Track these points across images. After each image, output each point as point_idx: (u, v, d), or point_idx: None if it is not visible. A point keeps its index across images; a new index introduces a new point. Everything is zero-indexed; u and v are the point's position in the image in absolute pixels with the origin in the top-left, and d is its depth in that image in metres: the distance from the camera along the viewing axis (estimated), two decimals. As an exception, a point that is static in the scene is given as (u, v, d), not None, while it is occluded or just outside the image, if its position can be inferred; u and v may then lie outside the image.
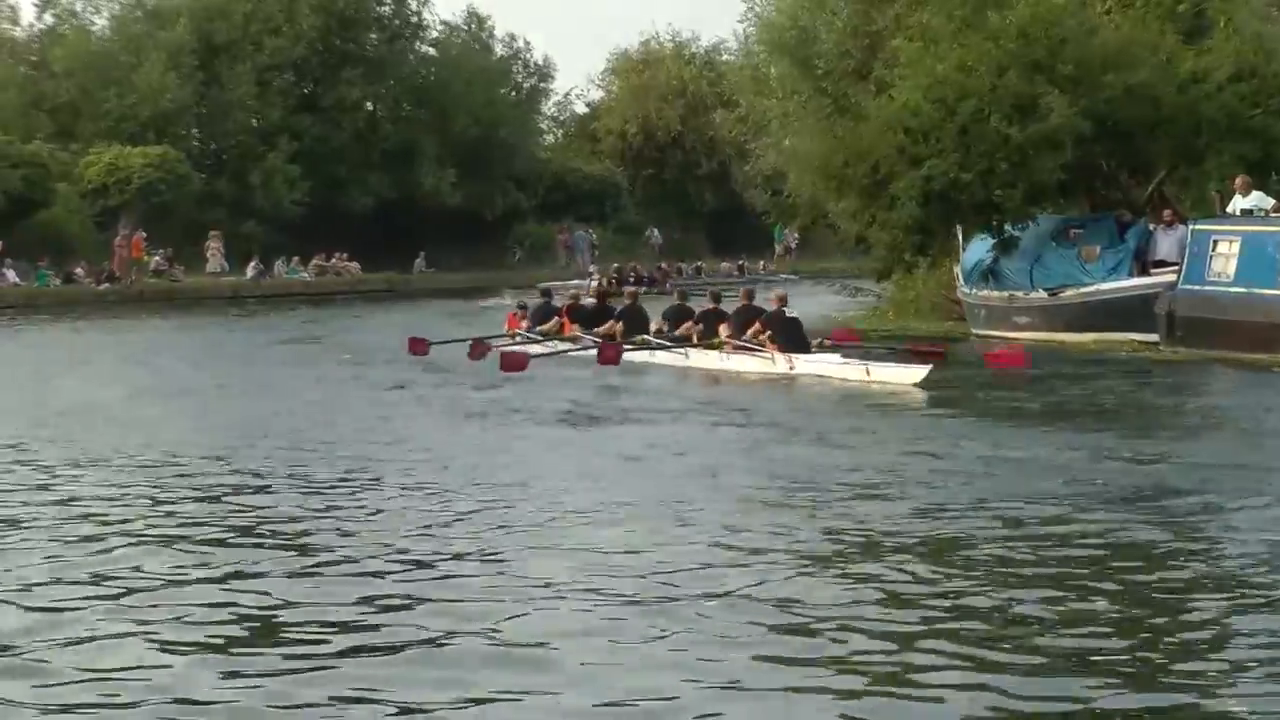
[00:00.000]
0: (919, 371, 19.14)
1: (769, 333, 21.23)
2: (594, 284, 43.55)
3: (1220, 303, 22.13)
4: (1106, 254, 26.26)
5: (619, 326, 23.91)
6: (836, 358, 20.75)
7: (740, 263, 65.43)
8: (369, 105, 63.74)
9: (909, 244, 27.94)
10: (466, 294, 47.48)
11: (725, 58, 64.73)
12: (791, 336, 21.19)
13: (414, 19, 66.29)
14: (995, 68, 26.25)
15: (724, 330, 22.08)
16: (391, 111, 64.40)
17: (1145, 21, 26.99)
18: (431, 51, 68.26)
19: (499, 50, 71.97)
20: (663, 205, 76.06)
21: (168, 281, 48.06)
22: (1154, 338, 23.53)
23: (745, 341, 21.47)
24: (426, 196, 62.10)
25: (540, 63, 74.08)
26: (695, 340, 22.44)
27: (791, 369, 20.54)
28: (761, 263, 66.56)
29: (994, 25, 26.68)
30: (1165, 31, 26.94)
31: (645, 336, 23.20)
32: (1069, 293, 26.11)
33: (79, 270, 46.41)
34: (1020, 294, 27.10)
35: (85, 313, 38.99)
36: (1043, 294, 26.63)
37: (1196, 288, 22.67)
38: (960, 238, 29.12)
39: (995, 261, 27.85)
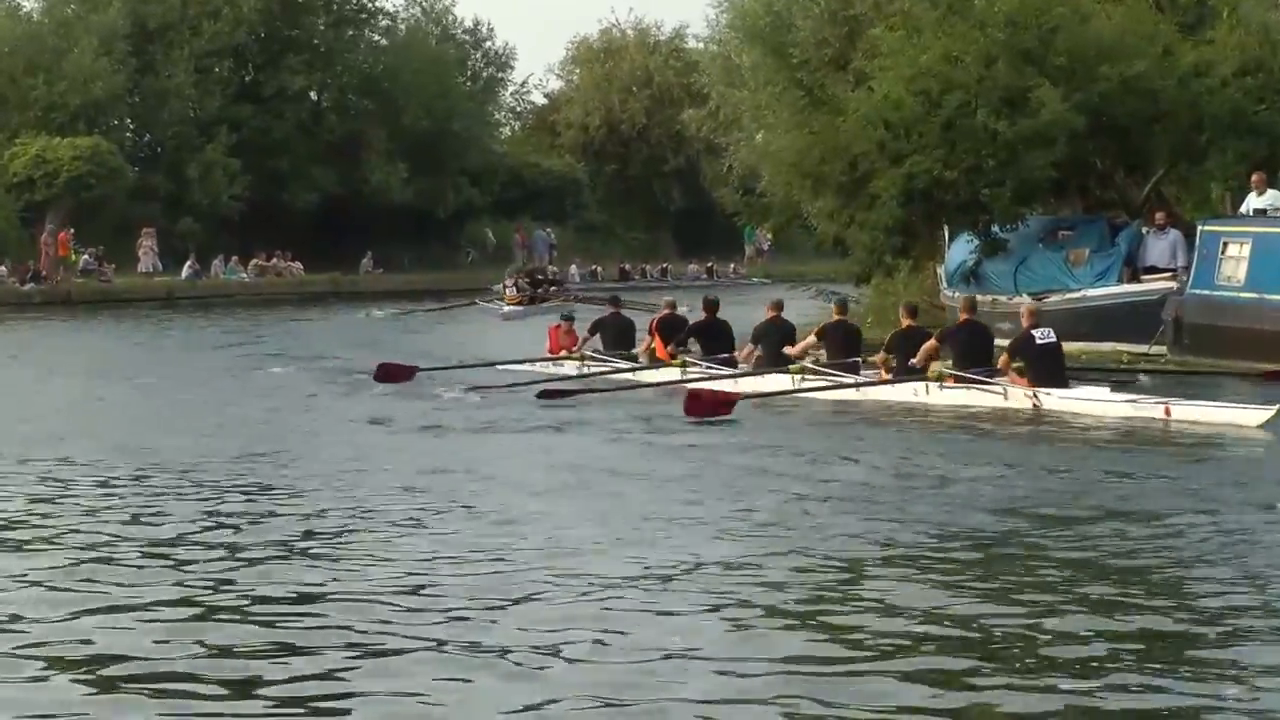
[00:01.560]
0: (1260, 411, 15.38)
1: (1018, 363, 17.50)
2: (509, 289, 42.75)
3: (1230, 309, 21.81)
4: (1095, 258, 26.06)
5: (756, 351, 20.28)
6: (1105, 391, 17.02)
7: (709, 265, 65.24)
8: (313, 95, 63.45)
9: (889, 245, 27.62)
10: (416, 296, 47.12)
11: (691, 44, 64.53)
12: (1049, 368, 17.46)
13: (364, 2, 65.89)
14: (982, 58, 25.98)
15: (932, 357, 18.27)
16: (337, 102, 63.99)
17: (1142, 11, 26.73)
18: (381, 39, 67.85)
19: (457, 36, 71.69)
20: (627, 204, 75.78)
21: (97, 282, 47.67)
22: (1143, 348, 23.24)
23: (974, 373, 17.67)
24: (374, 193, 61.68)
25: (500, 50, 73.93)
26: (883, 369, 18.74)
27: (1038, 406, 16.85)
28: (732, 265, 66.38)
29: (981, 12, 26.46)
30: (1162, 21, 26.72)
31: (805, 364, 19.17)
32: (1054, 298, 25.81)
33: (1, 269, 45.92)
34: (1003, 298, 26.79)
35: (5, 315, 38.50)
36: (1027, 299, 26.31)
37: (1205, 292, 22.35)
38: (946, 238, 28.84)
39: (978, 263, 27.57)
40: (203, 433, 15.81)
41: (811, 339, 19.88)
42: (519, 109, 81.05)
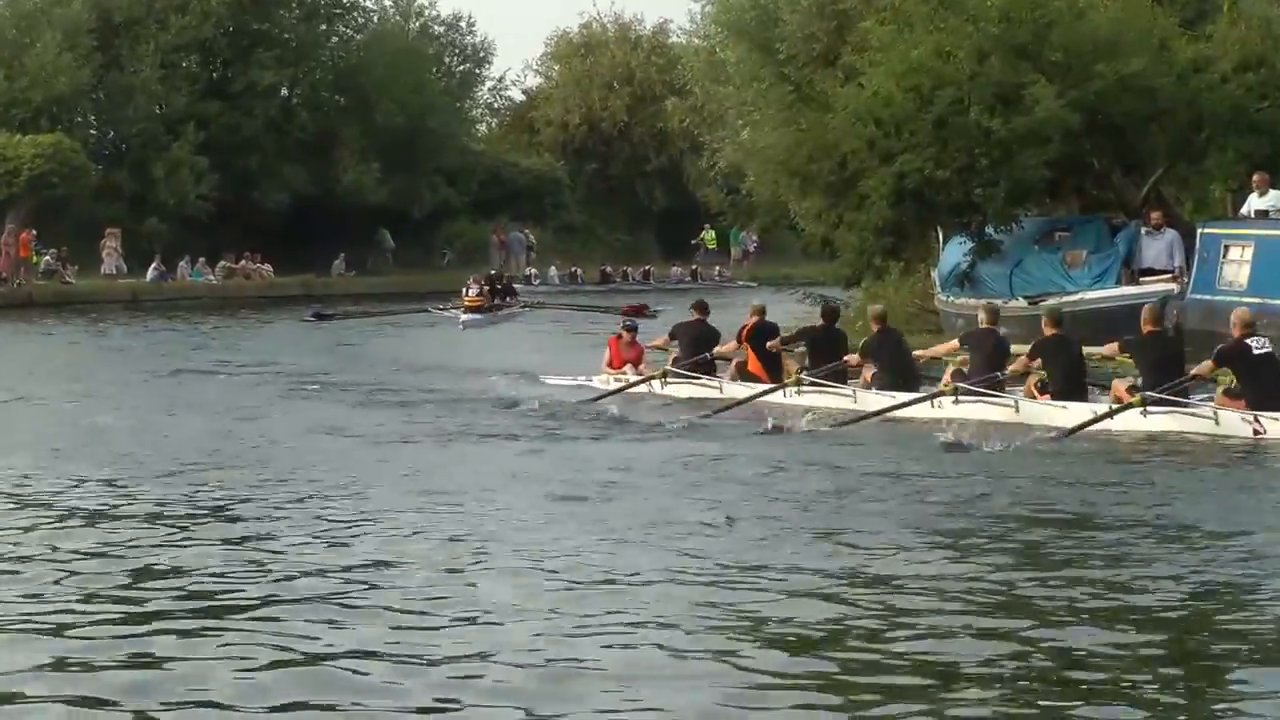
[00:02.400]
0: None
1: (1234, 377, 15.79)
2: (473, 292, 42.22)
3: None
4: (1093, 260, 26.05)
5: (867, 365, 18.83)
6: None
7: (694, 267, 65.11)
8: (284, 91, 63.03)
9: (879, 247, 27.57)
10: (395, 298, 46.94)
11: (673, 39, 64.48)
12: (1266, 383, 15.45)
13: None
14: (975, 54, 25.94)
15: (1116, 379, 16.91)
16: (309, 98, 63.69)
17: (1139, 5, 26.72)
18: (354, 34, 67.64)
19: (436, 30, 71.53)
20: (608, 204, 75.59)
21: (59, 284, 47.40)
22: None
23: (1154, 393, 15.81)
24: (347, 192, 61.43)
25: (478, 44, 73.74)
26: (1027, 380, 17.30)
27: (1259, 433, 14.82)
28: (717, 268, 66.19)
29: (974, 6, 26.39)
30: (1160, 16, 26.71)
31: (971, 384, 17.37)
32: (1050, 301, 25.72)
33: (-40, 271, 45.76)
34: (998, 302, 26.70)
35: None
36: (1022, 302, 26.25)
37: (1206, 297, 22.29)
38: (940, 239, 28.78)
39: (973, 266, 27.51)
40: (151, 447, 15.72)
41: (954, 344, 18.87)
42: (497, 106, 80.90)
